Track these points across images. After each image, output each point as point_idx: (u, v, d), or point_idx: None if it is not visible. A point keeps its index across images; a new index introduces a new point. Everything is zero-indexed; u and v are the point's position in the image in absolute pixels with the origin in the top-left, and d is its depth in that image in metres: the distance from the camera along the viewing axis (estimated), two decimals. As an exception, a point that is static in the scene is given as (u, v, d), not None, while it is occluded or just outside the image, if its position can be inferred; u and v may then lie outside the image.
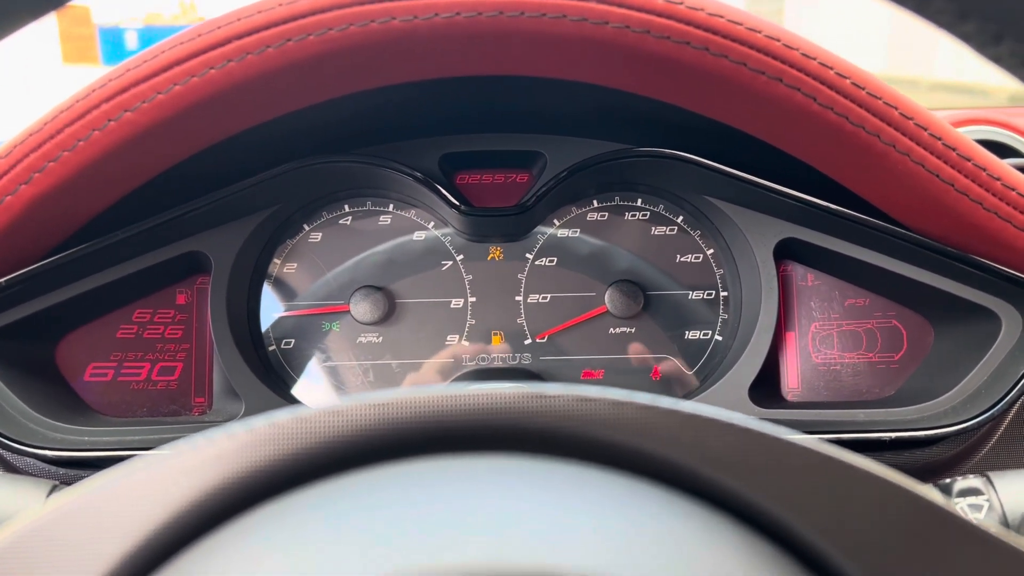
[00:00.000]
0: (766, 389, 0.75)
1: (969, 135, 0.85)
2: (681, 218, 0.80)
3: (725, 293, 0.80)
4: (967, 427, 0.64)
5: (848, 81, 0.58)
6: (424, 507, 0.26)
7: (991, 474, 0.53)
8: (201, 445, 0.29)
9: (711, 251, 0.80)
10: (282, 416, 0.29)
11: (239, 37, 0.55)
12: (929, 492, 0.28)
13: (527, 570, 0.23)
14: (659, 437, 0.29)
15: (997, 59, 0.31)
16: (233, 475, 0.28)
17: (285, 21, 0.54)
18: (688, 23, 0.55)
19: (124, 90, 0.57)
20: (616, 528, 0.26)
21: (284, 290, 0.79)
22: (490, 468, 0.29)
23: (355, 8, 0.54)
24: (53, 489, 0.54)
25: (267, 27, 0.55)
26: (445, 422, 0.29)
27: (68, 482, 0.56)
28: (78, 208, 0.64)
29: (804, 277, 0.77)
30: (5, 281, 0.63)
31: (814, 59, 0.57)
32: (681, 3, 0.55)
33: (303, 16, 0.54)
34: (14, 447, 0.62)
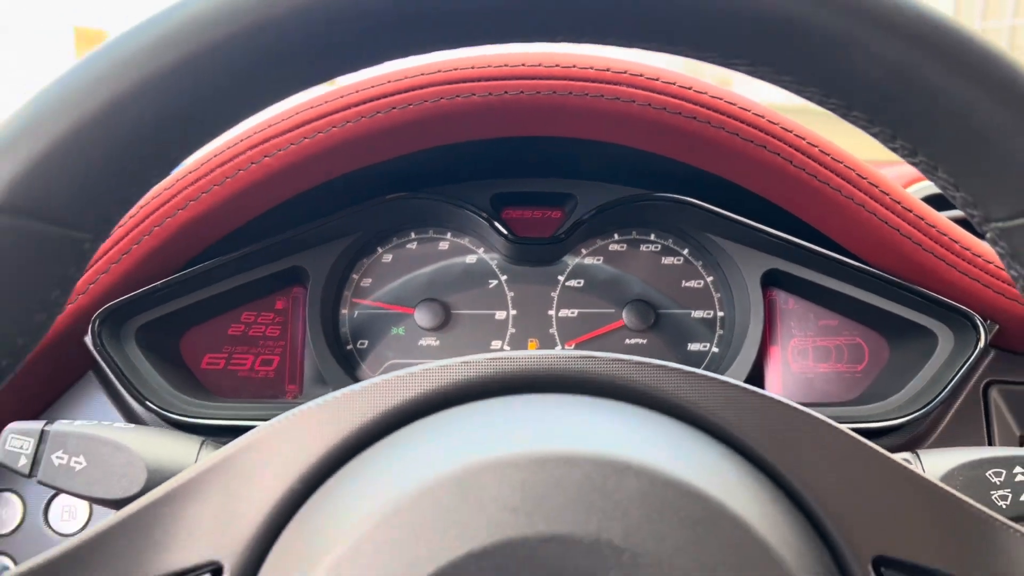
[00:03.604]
0: (753, 392, 0.92)
1: (920, 189, 1.03)
2: (687, 251, 0.97)
3: (721, 313, 0.97)
4: (910, 419, 0.80)
5: (817, 148, 0.75)
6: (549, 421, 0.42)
7: (920, 451, 0.70)
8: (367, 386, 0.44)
9: (711, 278, 0.97)
10: (440, 364, 0.45)
11: (366, 101, 0.73)
12: (905, 462, 0.42)
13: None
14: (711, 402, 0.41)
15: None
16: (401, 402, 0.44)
17: (412, 89, 0.73)
18: (696, 103, 0.73)
19: (267, 140, 0.74)
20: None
21: (360, 300, 0.96)
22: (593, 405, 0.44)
23: (473, 83, 0.72)
24: (203, 443, 0.71)
25: (394, 93, 0.73)
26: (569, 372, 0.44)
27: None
28: (215, 230, 0.81)
29: (786, 301, 0.94)
30: (161, 284, 0.80)
31: (791, 131, 0.75)
32: (690, 88, 0.73)
33: (429, 85, 0.73)
34: (162, 414, 0.78)
